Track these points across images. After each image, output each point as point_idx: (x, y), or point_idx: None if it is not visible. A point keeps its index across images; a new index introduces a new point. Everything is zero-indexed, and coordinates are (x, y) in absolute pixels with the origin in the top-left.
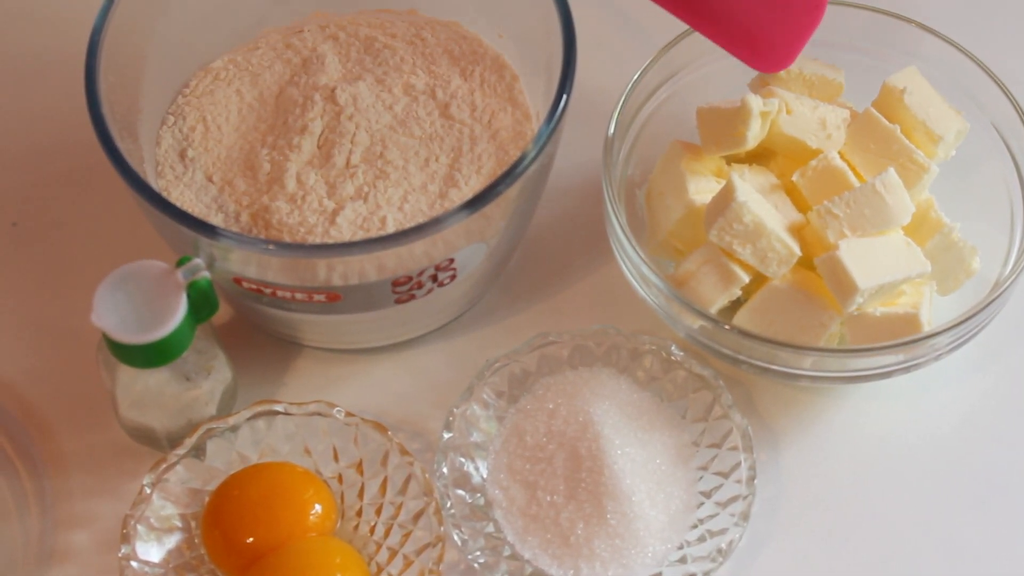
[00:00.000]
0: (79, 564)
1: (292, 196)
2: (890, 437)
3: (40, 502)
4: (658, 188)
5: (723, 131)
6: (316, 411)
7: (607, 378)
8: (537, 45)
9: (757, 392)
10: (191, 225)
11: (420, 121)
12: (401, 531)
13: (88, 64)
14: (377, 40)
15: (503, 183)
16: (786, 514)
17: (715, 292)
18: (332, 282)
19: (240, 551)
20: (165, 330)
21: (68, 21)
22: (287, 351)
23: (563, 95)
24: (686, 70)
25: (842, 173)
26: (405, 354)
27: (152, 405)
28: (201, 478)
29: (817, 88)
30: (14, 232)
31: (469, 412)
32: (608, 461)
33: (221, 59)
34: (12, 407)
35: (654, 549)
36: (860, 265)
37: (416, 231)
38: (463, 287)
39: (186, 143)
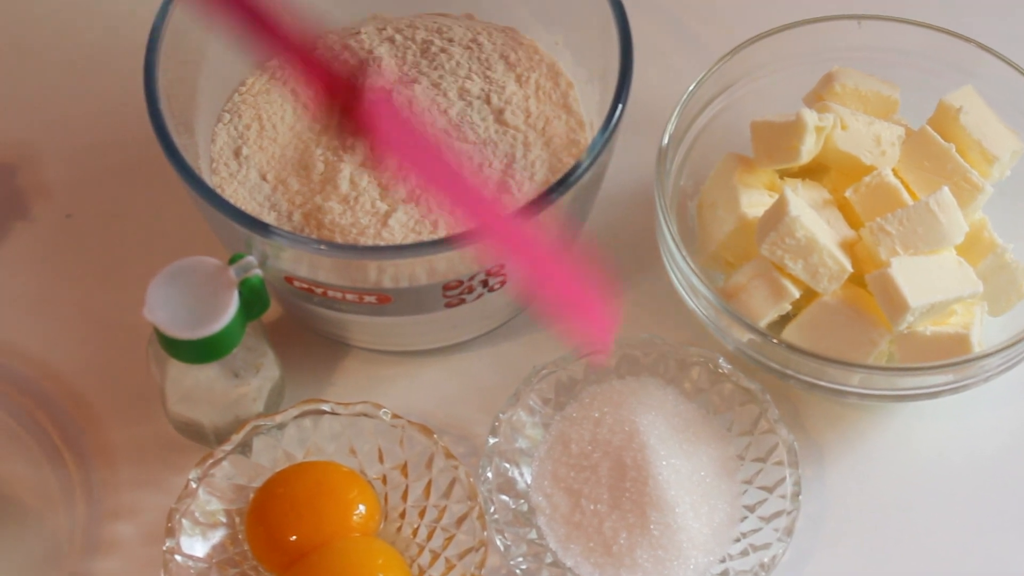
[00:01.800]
0: (124, 556)
1: (345, 197)
2: (937, 457)
3: (87, 493)
4: (710, 200)
5: (777, 145)
6: (362, 412)
7: (654, 388)
8: (594, 54)
9: (804, 407)
10: (245, 223)
11: (474, 126)
12: (444, 534)
13: (147, 59)
14: (434, 44)
15: (556, 191)
16: (830, 531)
17: (765, 306)
18: (383, 284)
19: (283, 549)
20: (216, 326)
21: (128, 16)
22: (335, 351)
23: (619, 104)
24: (741, 82)
25: (895, 190)
26: (452, 358)
27: (200, 400)
28: (247, 475)
29: (872, 104)
30: (69, 224)
31: (515, 418)
32: (653, 471)
33: (278, 58)
34: (62, 398)
35: (696, 561)
36: (912, 283)
37: (468, 236)
38: (513, 294)
39: (241, 141)
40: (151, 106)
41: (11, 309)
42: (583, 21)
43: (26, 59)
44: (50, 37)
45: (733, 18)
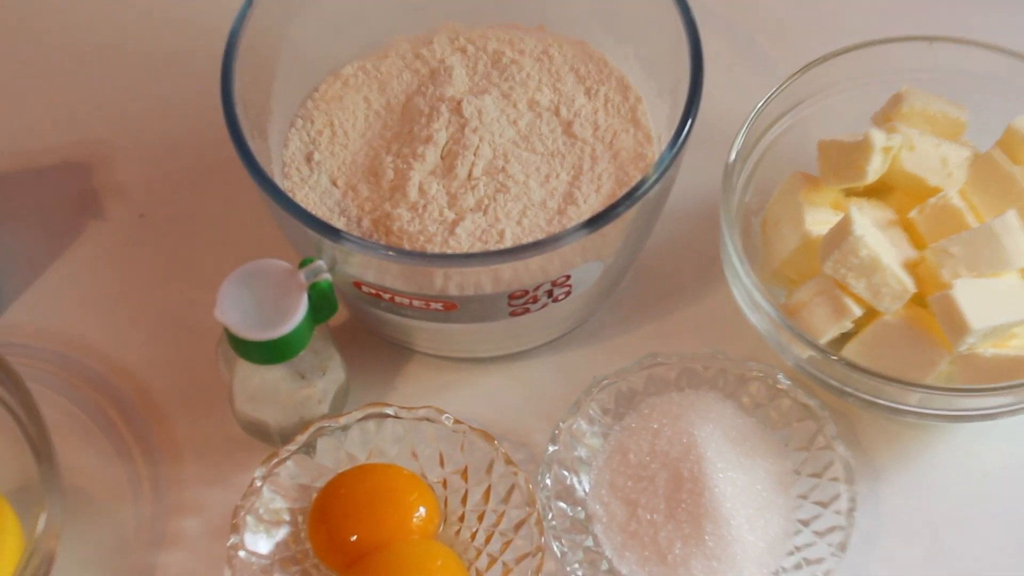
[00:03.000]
0: (188, 550)
1: (414, 204)
2: (994, 478)
3: (154, 488)
4: (775, 217)
5: (844, 164)
6: (425, 416)
7: (713, 402)
8: (664, 68)
9: (861, 424)
10: (316, 227)
11: (543, 137)
12: (502, 539)
13: (224, 64)
14: (505, 55)
15: (623, 204)
16: (883, 548)
17: (826, 323)
18: (449, 291)
19: (344, 548)
20: (285, 328)
21: (205, 22)
22: (399, 356)
23: (688, 120)
24: (809, 101)
25: (960, 213)
26: (514, 365)
27: (267, 400)
28: (310, 474)
29: (940, 125)
30: (142, 224)
31: (575, 427)
32: (709, 484)
33: (351, 65)
34: (132, 394)
35: (750, 573)
36: (974, 305)
37: (534, 247)
38: (576, 303)
39: (313, 146)
40: (227, 110)
41: (84, 306)
42: (654, 35)
43: (105, 63)
44: (129, 41)
45: (802, 36)
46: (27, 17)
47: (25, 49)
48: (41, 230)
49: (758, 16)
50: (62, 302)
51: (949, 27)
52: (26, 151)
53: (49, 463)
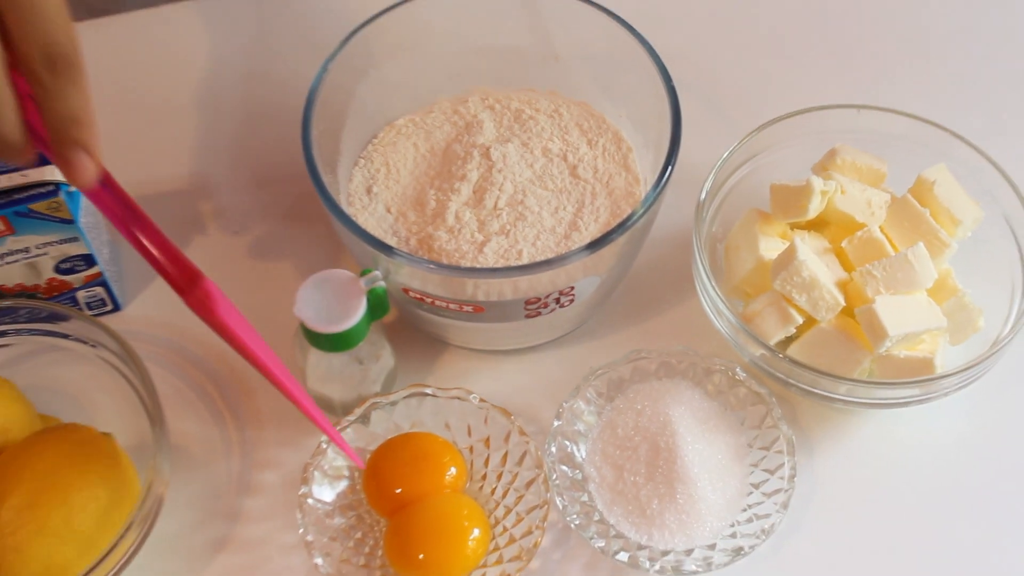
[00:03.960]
0: (268, 497)
1: (451, 228)
2: (904, 453)
3: (241, 447)
4: (735, 243)
5: (790, 203)
6: (456, 395)
7: (684, 389)
8: (649, 125)
9: (801, 409)
10: (374, 244)
11: (553, 178)
12: (515, 494)
13: (305, 115)
14: (524, 112)
15: (616, 232)
16: (817, 506)
17: (775, 328)
18: (477, 297)
19: (390, 498)
20: (348, 324)
21: (288, 82)
22: (436, 347)
23: (669, 167)
24: (764, 153)
25: (881, 244)
26: (528, 357)
27: (332, 380)
28: (364, 440)
29: (865, 175)
30: (236, 239)
31: (575, 406)
32: (681, 453)
33: (403, 118)
34: (225, 373)
35: (712, 525)
36: (891, 317)
37: (545, 263)
38: (578, 309)
39: (372, 181)
40: (306, 151)
41: None
42: (642, 101)
43: (211, 113)
44: (229, 96)
45: (757, 102)
46: (152, 77)
47: (150, 102)
48: None
49: (723, 86)
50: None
51: (873, 97)
52: (148, 181)
53: (160, 426)
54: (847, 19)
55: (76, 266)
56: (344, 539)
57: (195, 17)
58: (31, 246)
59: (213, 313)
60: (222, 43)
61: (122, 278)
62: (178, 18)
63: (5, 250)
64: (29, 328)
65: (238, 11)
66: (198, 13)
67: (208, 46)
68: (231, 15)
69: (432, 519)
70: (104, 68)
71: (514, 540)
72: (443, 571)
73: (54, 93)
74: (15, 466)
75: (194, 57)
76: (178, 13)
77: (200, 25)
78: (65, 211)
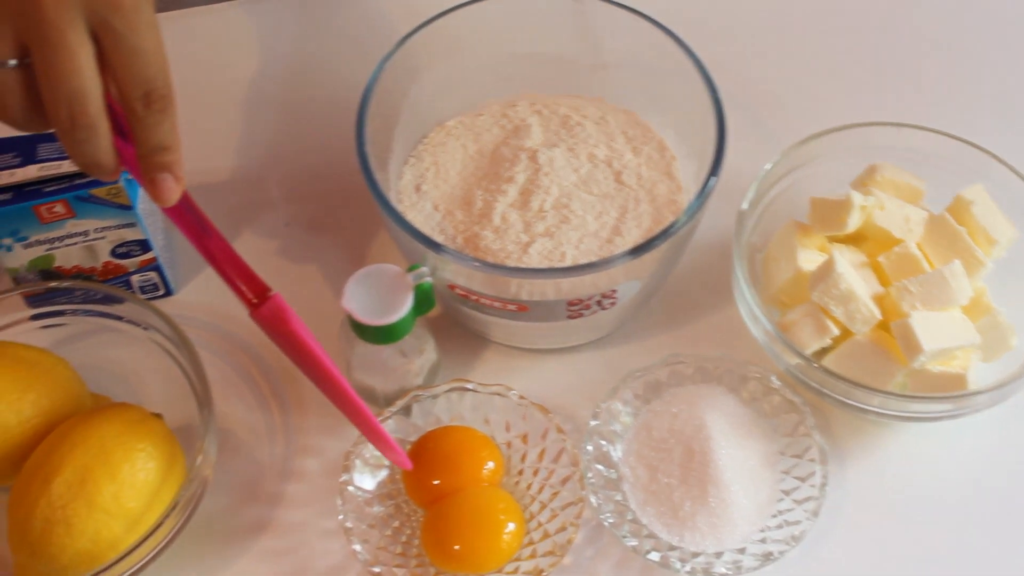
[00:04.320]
0: (309, 483)
1: (496, 228)
2: (934, 467)
3: (285, 433)
4: (774, 254)
5: (830, 217)
6: (496, 392)
7: (719, 394)
8: (694, 136)
9: (833, 419)
10: (423, 241)
11: (598, 183)
12: (551, 490)
13: (359, 113)
14: (571, 118)
15: (658, 239)
16: (847, 515)
17: (811, 339)
18: (521, 297)
19: (429, 489)
20: (395, 317)
21: (342, 80)
22: (479, 344)
23: (712, 177)
24: (804, 167)
25: (918, 260)
26: (567, 357)
27: (376, 372)
28: (405, 431)
29: (904, 192)
30: (286, 231)
31: (612, 407)
32: (714, 458)
33: (453, 120)
34: (273, 362)
35: (742, 529)
36: (926, 332)
37: (588, 267)
38: (618, 312)
39: (421, 180)
40: (359, 148)
41: None
42: (688, 112)
43: (265, 106)
44: (284, 91)
45: (798, 115)
46: (213, 70)
47: (207, 93)
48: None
49: (765, 99)
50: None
51: (913, 116)
52: (201, 171)
53: (208, 409)
54: (890, 38)
55: (132, 251)
56: (382, 527)
57: (251, 16)
58: (90, 230)
59: (286, 324)
60: (279, 41)
61: (175, 264)
62: (236, 16)
63: (65, 232)
64: (84, 309)
65: (292, 10)
66: (253, 12)
67: (265, 44)
68: (287, 14)
69: (469, 511)
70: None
71: (548, 535)
72: (478, 563)
73: (147, 124)
74: (68, 442)
75: (250, 54)
76: (235, 11)
77: (257, 24)
78: (124, 197)
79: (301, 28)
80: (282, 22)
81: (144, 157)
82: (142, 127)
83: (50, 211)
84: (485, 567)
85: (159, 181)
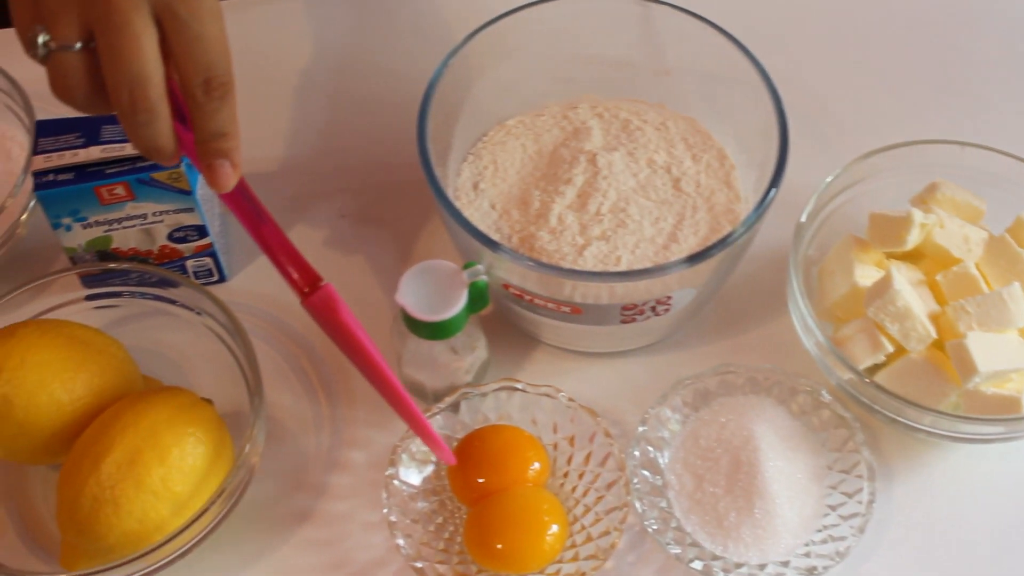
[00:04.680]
0: (354, 475)
1: (553, 229)
2: (983, 489)
3: (332, 424)
4: (830, 268)
5: (889, 233)
6: (545, 392)
7: (769, 406)
8: (755, 146)
9: (883, 436)
10: (481, 239)
11: (656, 189)
12: (596, 494)
13: (422, 107)
14: (632, 122)
15: (715, 248)
16: (893, 533)
17: (864, 354)
18: (575, 299)
19: (474, 487)
20: (449, 314)
21: (403, 75)
22: (530, 345)
23: (772, 188)
24: (864, 181)
25: (976, 280)
26: (617, 361)
27: (427, 367)
28: (453, 428)
29: (964, 211)
30: (341, 222)
31: (661, 413)
32: (761, 469)
33: (514, 119)
34: (323, 353)
35: (786, 542)
36: (981, 353)
37: (643, 272)
38: (672, 318)
39: (479, 178)
40: (421, 144)
41: None
42: (750, 121)
43: (325, 98)
44: (346, 84)
45: (859, 129)
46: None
47: (266, 83)
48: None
49: (827, 111)
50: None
51: (975, 135)
52: (258, 159)
53: (259, 398)
54: (955, 57)
55: (189, 235)
56: (426, 523)
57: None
58: (148, 213)
59: (336, 313)
60: (338, 33)
61: (230, 251)
62: (297, 7)
63: (124, 215)
64: (139, 291)
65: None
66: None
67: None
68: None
69: (512, 511)
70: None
71: (591, 539)
72: (520, 563)
73: (206, 111)
74: (119, 423)
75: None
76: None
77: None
78: (184, 182)
79: (362, 20)
80: (344, 14)
81: (202, 143)
82: (201, 113)
83: (111, 193)
84: (527, 567)
85: (217, 167)
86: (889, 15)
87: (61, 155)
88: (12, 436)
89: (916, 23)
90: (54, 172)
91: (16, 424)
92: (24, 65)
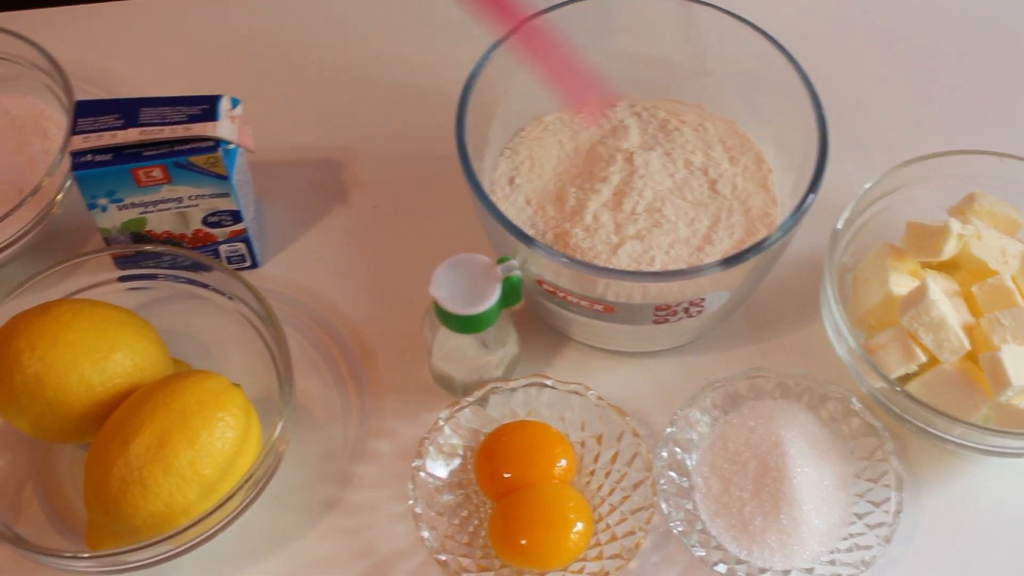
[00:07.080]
0: (380, 466)
1: (588, 227)
2: (1012, 503)
3: (360, 415)
4: (865, 275)
5: (925, 243)
6: (574, 390)
7: (799, 412)
8: (793, 150)
9: (913, 446)
10: (516, 234)
11: (692, 190)
12: (622, 493)
13: (461, 100)
14: (670, 123)
15: (750, 252)
16: (919, 543)
17: (897, 363)
18: (607, 297)
19: (500, 482)
20: (481, 308)
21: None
22: (560, 341)
23: (810, 194)
24: (901, 190)
25: (1012, 293)
26: (647, 361)
27: (457, 360)
28: (481, 422)
29: (1002, 223)
30: (374, 213)
31: (690, 415)
32: (789, 475)
33: (552, 115)
34: (352, 340)
35: (812, 549)
36: (1015, 366)
37: (677, 273)
38: (704, 320)
39: (515, 173)
40: (459, 137)
41: (324, 269)
42: (789, 125)
43: (362, 88)
44: (384, 75)
45: (897, 137)
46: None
47: (303, 72)
48: (297, 207)
49: (867, 118)
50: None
51: (1015, 147)
52: (294, 146)
53: (289, 385)
54: (996, 67)
55: (223, 220)
56: (451, 516)
57: None
58: (184, 196)
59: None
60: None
61: (263, 237)
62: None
63: (159, 197)
64: (172, 274)
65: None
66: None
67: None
68: None
69: (538, 507)
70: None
71: (616, 538)
72: (544, 560)
73: None
74: (149, 405)
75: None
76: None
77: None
78: (221, 167)
79: (405, 11)
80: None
81: None
82: None
83: (148, 175)
84: (550, 564)
85: None
86: (932, 24)
87: (100, 136)
88: (42, 414)
89: (959, 33)
90: (92, 153)
91: (46, 402)
92: (64, 45)
